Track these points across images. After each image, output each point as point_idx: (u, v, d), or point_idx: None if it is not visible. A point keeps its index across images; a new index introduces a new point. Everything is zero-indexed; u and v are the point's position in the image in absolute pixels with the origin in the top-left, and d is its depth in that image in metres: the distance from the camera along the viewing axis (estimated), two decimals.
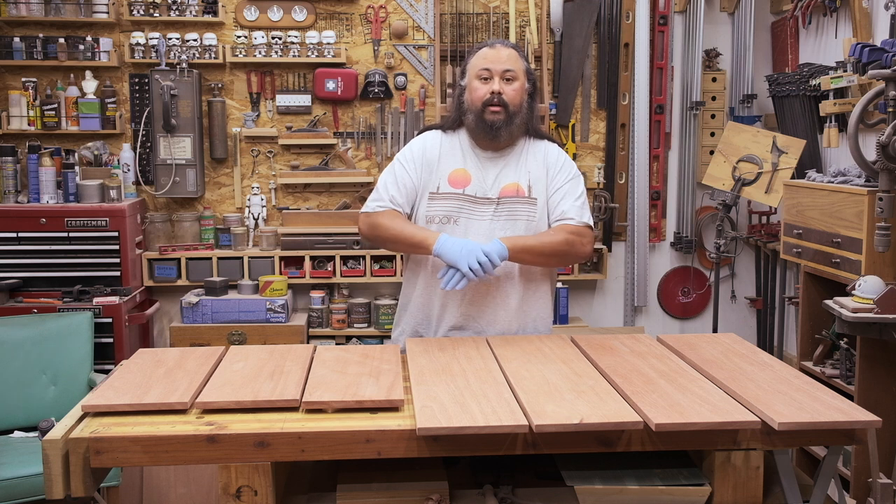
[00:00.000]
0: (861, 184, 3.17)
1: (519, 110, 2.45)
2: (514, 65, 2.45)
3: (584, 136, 4.61)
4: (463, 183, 2.47)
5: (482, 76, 2.44)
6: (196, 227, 4.41)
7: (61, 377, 3.62)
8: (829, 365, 3.43)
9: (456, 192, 2.46)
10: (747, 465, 1.80)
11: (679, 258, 4.76)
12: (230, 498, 1.74)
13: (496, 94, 2.41)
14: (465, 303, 2.45)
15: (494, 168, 2.49)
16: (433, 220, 2.46)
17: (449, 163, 2.49)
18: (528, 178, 2.48)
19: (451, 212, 2.45)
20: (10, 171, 4.13)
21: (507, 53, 2.46)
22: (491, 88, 2.41)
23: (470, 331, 2.46)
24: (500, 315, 2.47)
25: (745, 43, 4.45)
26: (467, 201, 2.46)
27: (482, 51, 2.48)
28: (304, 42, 4.36)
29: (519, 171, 2.49)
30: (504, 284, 2.45)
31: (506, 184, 2.47)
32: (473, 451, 1.76)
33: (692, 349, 2.24)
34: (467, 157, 2.50)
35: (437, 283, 2.43)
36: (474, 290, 2.43)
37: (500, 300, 2.46)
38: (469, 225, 2.44)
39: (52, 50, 4.24)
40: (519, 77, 2.45)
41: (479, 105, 2.43)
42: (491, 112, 2.41)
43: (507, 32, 4.39)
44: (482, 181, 2.47)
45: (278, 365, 2.09)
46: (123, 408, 1.82)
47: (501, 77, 2.43)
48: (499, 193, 2.46)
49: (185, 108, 4.25)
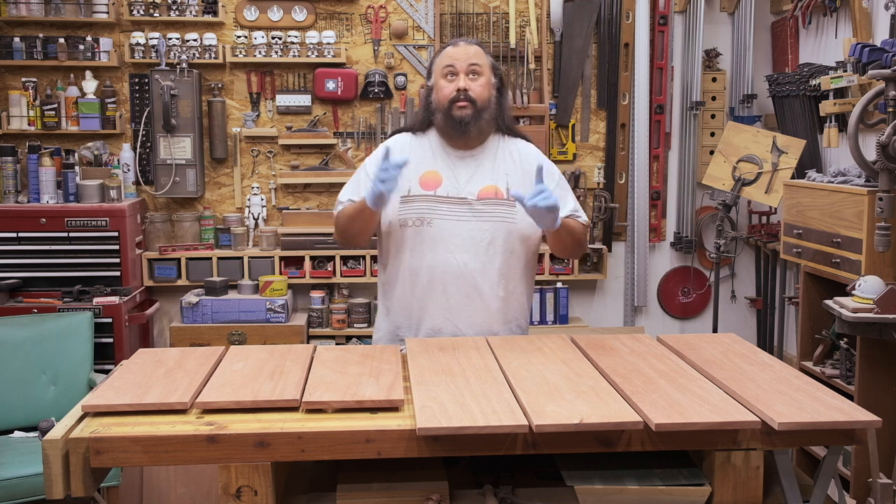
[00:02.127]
0: (861, 184, 3.16)
1: (487, 105, 2.44)
2: (478, 60, 2.45)
3: (584, 136, 4.61)
4: (434, 185, 2.46)
5: (447, 73, 2.44)
6: (196, 227, 4.41)
7: (61, 377, 3.62)
8: (829, 365, 3.43)
9: (427, 194, 2.45)
10: (747, 465, 1.80)
11: (679, 258, 4.76)
12: (230, 498, 1.74)
13: (462, 91, 2.41)
14: (445, 305, 2.44)
15: (467, 168, 2.48)
16: (406, 224, 2.44)
17: (419, 165, 2.48)
18: (507, 180, 2.47)
19: (424, 213, 2.43)
20: (10, 171, 4.13)
21: (472, 50, 2.46)
22: (457, 85, 2.41)
23: (449, 334, 2.45)
24: (479, 317, 2.45)
25: (745, 43, 4.45)
26: (440, 202, 2.44)
27: (446, 50, 2.49)
28: (304, 42, 4.36)
29: (496, 172, 2.48)
30: (484, 287, 2.44)
31: (483, 186, 2.46)
32: (473, 451, 1.76)
33: (692, 349, 2.24)
34: (438, 159, 2.49)
35: (415, 286, 2.44)
36: (455, 293, 2.43)
37: (480, 302, 2.45)
38: (443, 226, 2.43)
39: (52, 50, 4.24)
40: (484, 72, 2.45)
41: (446, 103, 2.43)
42: (458, 108, 2.41)
43: (507, 32, 4.39)
44: (454, 182, 2.46)
45: (278, 365, 2.09)
46: (123, 408, 1.82)
47: (466, 73, 2.43)
48: (477, 195, 2.45)
49: (185, 108, 4.25)
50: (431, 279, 2.44)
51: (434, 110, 2.48)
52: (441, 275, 2.43)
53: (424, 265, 2.44)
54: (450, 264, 2.42)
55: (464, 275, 2.42)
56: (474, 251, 2.42)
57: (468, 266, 2.42)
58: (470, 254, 2.42)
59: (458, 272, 2.42)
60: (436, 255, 2.42)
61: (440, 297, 2.44)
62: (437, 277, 2.43)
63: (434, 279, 2.43)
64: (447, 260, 2.42)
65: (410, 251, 2.45)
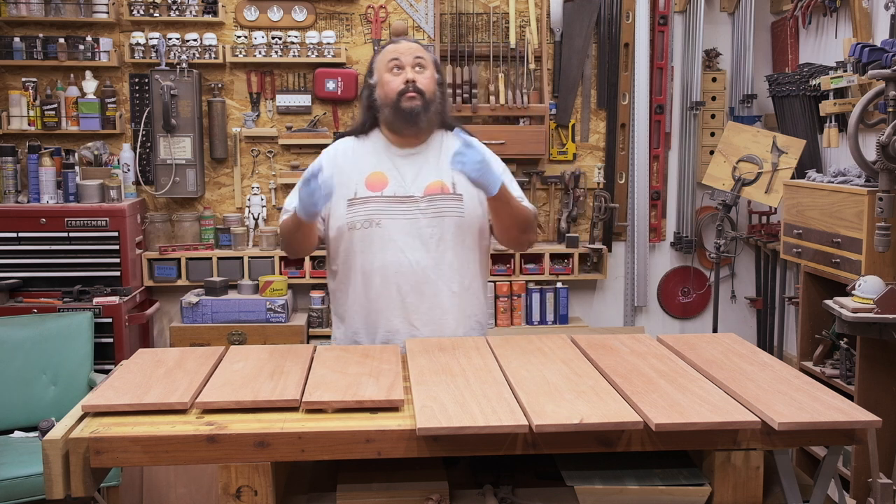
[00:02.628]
0: (861, 184, 3.17)
1: (434, 98, 2.44)
2: (422, 54, 2.46)
3: (584, 136, 4.61)
4: (380, 185, 2.44)
5: (393, 67, 2.44)
6: (196, 227, 4.41)
7: (61, 377, 3.62)
8: (829, 365, 3.43)
9: (374, 196, 2.43)
10: (747, 465, 1.80)
11: (679, 258, 4.76)
12: (230, 498, 1.74)
13: (411, 83, 2.40)
14: (401, 306, 2.43)
15: (412, 166, 2.47)
16: (355, 226, 2.42)
17: (364, 167, 2.47)
18: (452, 175, 2.45)
19: (372, 215, 2.41)
20: (10, 171, 4.13)
21: (414, 46, 2.48)
22: (405, 77, 2.41)
23: (406, 335, 2.43)
24: (436, 314, 2.45)
25: (745, 43, 4.45)
26: (387, 203, 2.42)
27: (388, 47, 2.49)
28: (304, 42, 4.36)
29: (441, 168, 2.46)
30: (438, 283, 2.43)
31: (429, 182, 2.45)
32: (473, 451, 1.76)
33: (692, 349, 2.24)
34: (382, 159, 2.48)
35: (368, 289, 2.43)
36: (409, 292, 2.42)
37: (436, 300, 2.44)
38: (393, 226, 2.41)
39: (52, 50, 4.24)
40: (429, 66, 2.46)
41: (394, 96, 2.41)
42: (408, 99, 2.40)
43: (507, 32, 4.39)
44: (400, 181, 2.45)
45: (278, 365, 2.09)
46: (123, 408, 1.82)
47: (412, 66, 2.43)
48: (423, 192, 2.44)
49: (185, 108, 4.25)
50: (385, 280, 2.42)
51: (380, 106, 2.47)
52: (394, 275, 2.41)
53: (376, 267, 2.42)
54: (402, 263, 2.41)
55: (417, 273, 2.41)
56: (425, 248, 2.42)
57: (420, 264, 2.41)
58: (421, 251, 2.41)
59: (410, 271, 2.41)
60: (387, 256, 2.41)
61: (395, 297, 2.42)
62: (390, 278, 2.42)
63: (387, 280, 2.42)
64: (399, 259, 2.41)
65: (361, 254, 2.43)
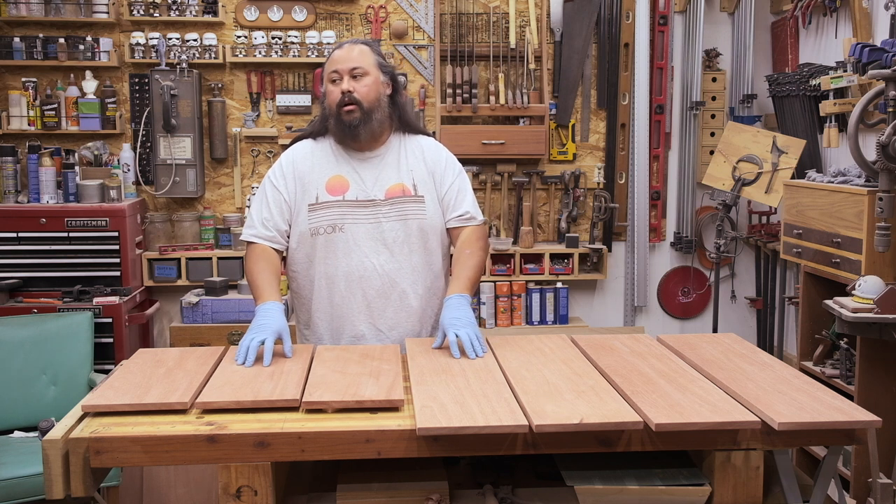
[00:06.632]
0: (861, 184, 3.16)
1: (375, 106, 2.41)
2: (362, 61, 2.41)
3: (584, 136, 4.61)
4: (341, 189, 2.43)
5: (332, 78, 2.42)
6: (196, 227, 4.41)
7: (61, 377, 3.62)
8: (829, 365, 3.42)
9: (336, 200, 2.42)
10: (747, 465, 1.80)
11: (679, 258, 4.76)
12: (230, 498, 1.74)
13: (347, 94, 2.38)
14: (366, 310, 2.43)
15: (372, 169, 2.46)
16: (318, 232, 2.41)
17: (323, 171, 2.45)
18: (412, 176, 2.46)
19: (335, 220, 2.40)
20: (10, 171, 4.13)
21: (356, 50, 2.43)
22: (341, 89, 2.39)
23: (372, 339, 2.44)
24: (402, 317, 2.45)
25: (745, 43, 4.45)
26: (349, 207, 2.41)
27: (333, 53, 2.46)
28: (304, 42, 4.36)
29: (401, 170, 2.46)
30: (403, 285, 2.43)
31: (390, 185, 2.44)
32: (473, 451, 1.76)
33: (692, 349, 2.24)
34: (341, 163, 2.46)
35: (332, 294, 2.42)
36: (375, 297, 2.42)
37: (401, 302, 2.44)
38: (356, 230, 2.40)
39: (52, 50, 4.24)
40: (370, 72, 2.41)
41: (335, 108, 2.40)
42: (346, 112, 2.38)
43: (507, 32, 4.39)
44: (361, 184, 2.44)
45: (278, 365, 2.09)
46: (123, 408, 1.82)
47: (350, 75, 2.39)
48: (385, 195, 2.43)
49: (185, 108, 4.25)
50: (349, 284, 2.42)
51: (328, 115, 2.46)
52: (358, 279, 2.41)
53: (340, 272, 2.41)
54: (366, 267, 2.40)
55: (381, 276, 2.41)
56: (389, 251, 2.41)
57: (385, 267, 2.41)
58: (385, 255, 2.41)
59: (376, 275, 2.41)
60: (351, 260, 2.40)
61: (360, 301, 2.42)
62: (354, 282, 2.41)
63: (352, 284, 2.41)
64: (363, 263, 2.40)
65: (324, 260, 2.42)
